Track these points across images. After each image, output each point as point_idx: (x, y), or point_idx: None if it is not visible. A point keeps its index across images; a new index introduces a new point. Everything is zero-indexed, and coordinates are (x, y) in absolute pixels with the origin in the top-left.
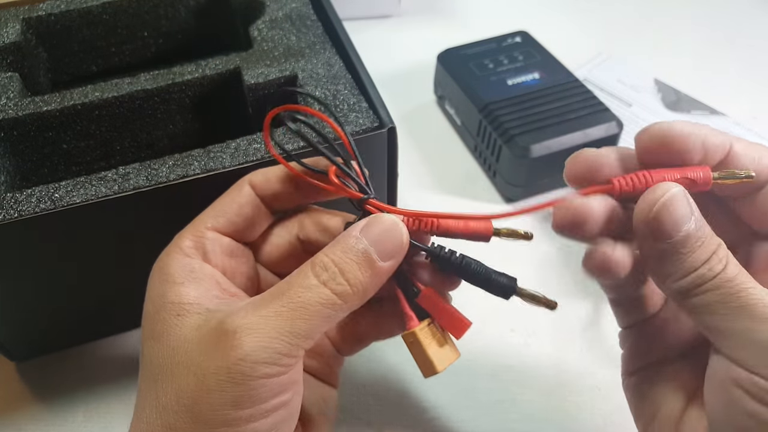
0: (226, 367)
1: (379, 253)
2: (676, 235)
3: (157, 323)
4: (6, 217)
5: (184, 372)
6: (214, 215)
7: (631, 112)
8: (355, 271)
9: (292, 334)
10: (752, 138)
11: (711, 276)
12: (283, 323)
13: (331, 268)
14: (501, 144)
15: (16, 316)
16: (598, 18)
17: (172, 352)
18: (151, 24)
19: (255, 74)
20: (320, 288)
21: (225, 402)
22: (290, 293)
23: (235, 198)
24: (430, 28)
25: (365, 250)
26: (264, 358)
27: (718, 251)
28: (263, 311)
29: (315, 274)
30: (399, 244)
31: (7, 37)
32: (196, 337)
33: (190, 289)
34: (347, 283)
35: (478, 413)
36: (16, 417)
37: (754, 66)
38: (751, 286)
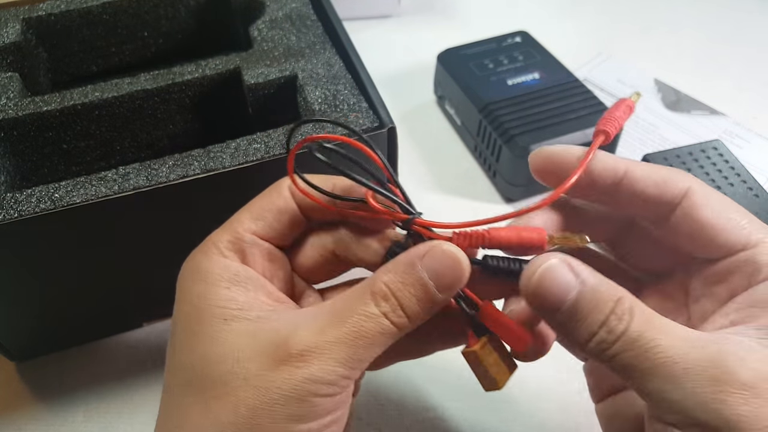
0: (292, 386)
1: (438, 286)
2: (562, 306)
3: (200, 326)
4: (6, 217)
5: (241, 383)
6: (253, 218)
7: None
8: (414, 305)
9: (353, 360)
10: (752, 138)
11: (614, 339)
12: (346, 350)
13: (391, 301)
14: (501, 144)
15: (16, 316)
16: (598, 18)
17: (221, 359)
18: (151, 24)
19: (255, 74)
20: (381, 319)
21: (287, 416)
22: (352, 320)
23: (275, 202)
24: (430, 28)
25: (425, 284)
26: (328, 380)
27: (616, 309)
28: (327, 336)
29: (375, 303)
30: (460, 278)
31: (7, 37)
32: (252, 346)
33: (236, 293)
34: (405, 315)
35: (478, 413)
36: (16, 417)
37: (754, 66)
38: (657, 343)
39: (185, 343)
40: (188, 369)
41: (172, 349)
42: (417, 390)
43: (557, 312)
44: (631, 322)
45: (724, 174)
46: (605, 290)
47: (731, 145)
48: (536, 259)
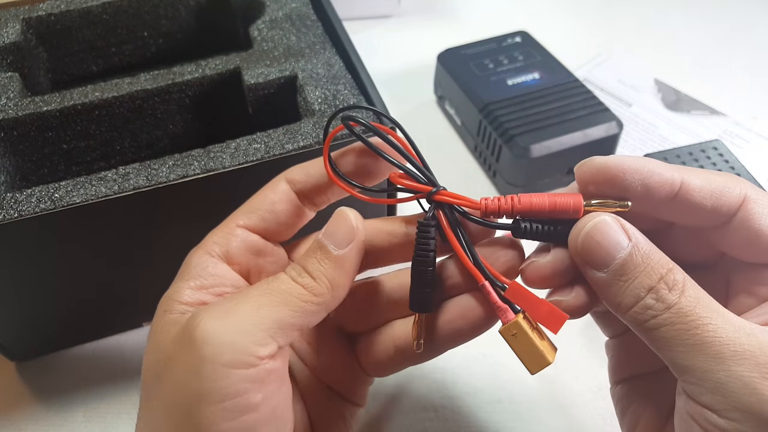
0: (191, 355)
1: (333, 243)
2: (611, 264)
3: (153, 321)
4: (6, 217)
5: (163, 369)
6: (245, 212)
7: (631, 112)
8: (314, 264)
9: (258, 318)
10: (752, 138)
11: (662, 308)
12: (249, 311)
13: (296, 266)
14: (501, 144)
15: (16, 315)
16: (598, 18)
17: (155, 349)
18: (151, 24)
19: (255, 74)
20: (287, 280)
21: (192, 395)
22: (259, 284)
23: (269, 195)
24: (430, 28)
25: (319, 241)
26: (228, 341)
27: (666, 277)
28: (231, 301)
29: (286, 272)
30: (349, 229)
31: (7, 37)
32: (173, 333)
33: (186, 286)
34: (310, 275)
35: (478, 413)
36: (16, 417)
37: (754, 66)
38: (709, 321)
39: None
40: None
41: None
42: (417, 389)
43: (604, 269)
44: (682, 294)
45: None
46: (658, 257)
47: (731, 145)
48: (588, 215)
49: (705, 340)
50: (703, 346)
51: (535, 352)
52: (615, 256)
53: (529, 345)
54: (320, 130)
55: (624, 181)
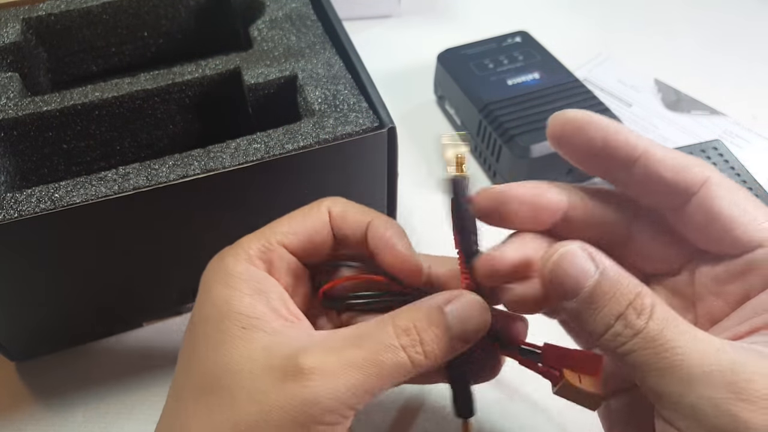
0: (293, 407)
1: (459, 333)
2: (580, 293)
3: (218, 332)
4: (6, 217)
5: (246, 397)
6: (287, 232)
7: (631, 112)
8: (433, 344)
9: (362, 389)
10: (752, 138)
11: (631, 334)
12: (357, 377)
13: (412, 335)
14: (501, 144)
15: (16, 316)
16: (598, 18)
17: (235, 368)
18: (151, 24)
19: (255, 74)
20: (399, 351)
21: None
22: (369, 347)
23: (314, 221)
24: (430, 28)
25: (449, 326)
26: (332, 407)
27: (635, 302)
28: (341, 359)
29: (396, 335)
30: (482, 331)
31: (7, 37)
32: (263, 360)
33: (258, 302)
34: (423, 354)
35: (478, 413)
36: (16, 417)
37: (754, 66)
38: (677, 344)
39: (201, 347)
40: (199, 374)
41: (188, 349)
42: (416, 390)
43: (573, 299)
44: (650, 319)
45: (724, 174)
46: (625, 282)
47: (731, 145)
48: (556, 244)
49: (674, 364)
50: (673, 370)
51: (589, 397)
52: (583, 285)
53: (581, 394)
54: (320, 129)
55: (587, 133)
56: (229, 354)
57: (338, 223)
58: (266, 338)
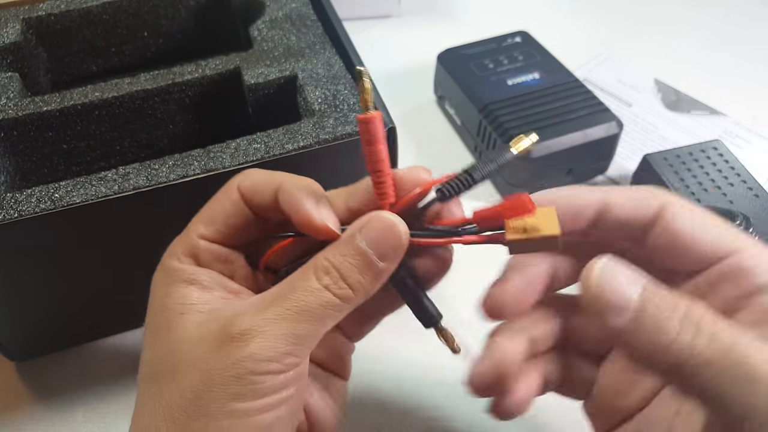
0: (231, 364)
1: (378, 254)
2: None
3: (160, 322)
4: (6, 217)
5: (189, 368)
6: (203, 223)
7: (631, 112)
8: (355, 274)
9: (295, 336)
10: (752, 138)
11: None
12: (286, 326)
13: (332, 272)
14: (501, 144)
15: (16, 316)
16: (598, 18)
17: (175, 348)
18: (151, 24)
19: (255, 74)
20: (322, 292)
21: (228, 396)
22: (293, 296)
23: (225, 205)
24: (430, 28)
25: (364, 253)
26: (268, 356)
27: (689, 310)
28: (267, 314)
29: (317, 278)
30: (398, 245)
31: (7, 37)
32: (199, 334)
33: (192, 290)
34: (348, 287)
35: (479, 413)
36: (16, 417)
37: (754, 66)
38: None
39: (149, 340)
40: (150, 363)
41: (143, 345)
42: (416, 389)
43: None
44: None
45: (724, 174)
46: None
47: (731, 145)
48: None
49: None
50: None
51: (541, 241)
52: (631, 297)
53: (532, 241)
54: (320, 129)
55: None
56: (168, 338)
57: (250, 197)
58: (203, 317)
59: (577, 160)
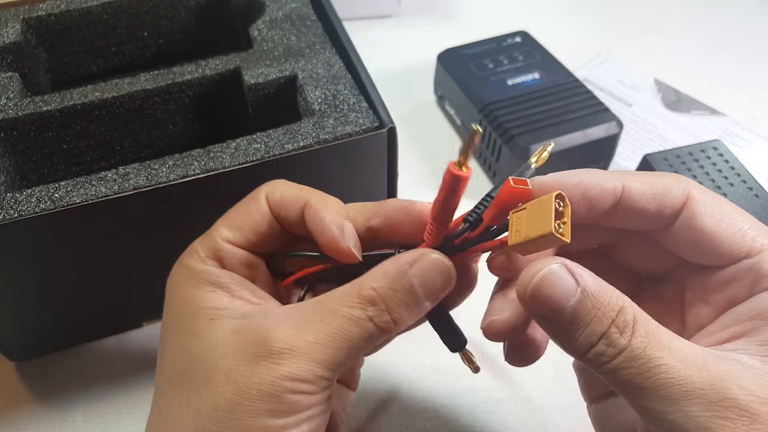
0: (269, 382)
1: (426, 293)
2: (561, 314)
3: (187, 325)
4: (6, 217)
5: (222, 378)
6: (230, 228)
7: (631, 112)
8: (401, 310)
9: (333, 362)
10: (752, 138)
11: (614, 353)
12: (327, 352)
13: (379, 304)
14: (501, 144)
15: (16, 316)
16: (598, 18)
17: (207, 355)
18: (151, 24)
19: (255, 74)
20: (366, 323)
21: (264, 411)
22: (335, 323)
23: (254, 214)
24: (430, 28)
25: (414, 290)
26: (306, 378)
27: (617, 320)
28: (308, 336)
29: (362, 307)
30: (447, 288)
31: (7, 37)
32: (234, 343)
33: (221, 295)
34: (392, 321)
35: (478, 413)
36: (16, 417)
37: (754, 66)
38: (660, 362)
39: (174, 342)
40: (175, 366)
41: (162, 348)
42: (416, 389)
43: (554, 320)
44: (633, 337)
45: (724, 174)
46: (607, 298)
47: (731, 145)
48: (535, 263)
49: (657, 383)
50: (656, 389)
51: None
52: (565, 306)
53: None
54: (320, 129)
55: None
56: (200, 344)
57: (278, 209)
58: (236, 323)
59: (577, 160)
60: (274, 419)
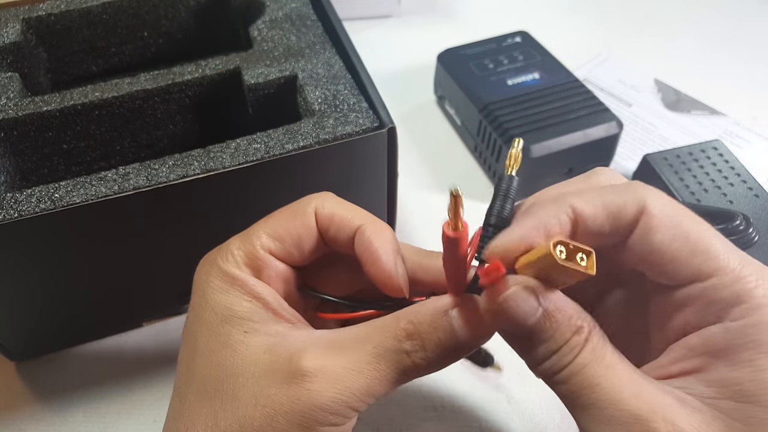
0: (299, 411)
1: (464, 338)
2: (522, 331)
3: (220, 335)
4: (6, 217)
5: (251, 400)
6: (272, 237)
7: (631, 112)
8: (437, 350)
9: (365, 392)
10: (752, 138)
11: (560, 367)
12: (361, 381)
13: (416, 340)
14: (501, 144)
15: (16, 316)
16: (598, 18)
17: (239, 371)
18: (151, 24)
19: (255, 74)
20: (402, 356)
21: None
22: (372, 350)
23: (298, 228)
24: (430, 28)
25: (454, 332)
26: (337, 410)
27: (571, 340)
28: (343, 361)
29: (400, 339)
30: (486, 338)
31: (7, 37)
32: (265, 362)
33: (258, 307)
34: (426, 360)
35: (478, 413)
36: (16, 417)
37: (754, 66)
38: (599, 382)
39: (206, 351)
40: (204, 378)
41: (190, 353)
42: (416, 389)
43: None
44: (579, 354)
45: (724, 174)
46: (567, 318)
47: (731, 145)
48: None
49: (589, 401)
50: (586, 407)
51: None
52: (525, 325)
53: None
54: (320, 129)
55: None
56: (232, 358)
57: (325, 225)
58: (269, 341)
59: (577, 160)
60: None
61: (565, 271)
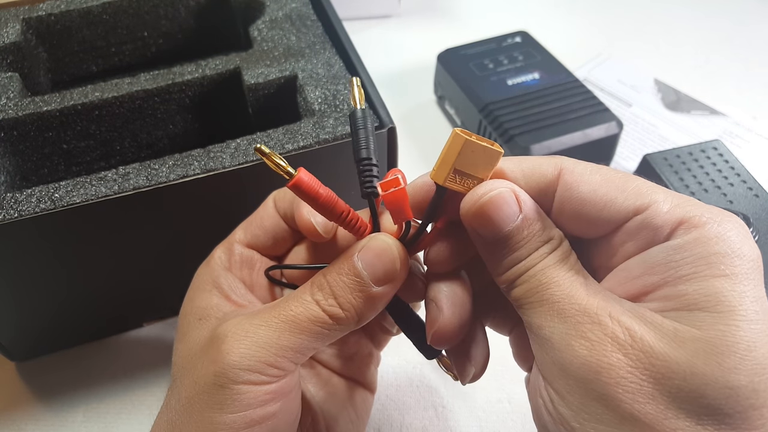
0: (213, 372)
1: (372, 277)
2: (499, 236)
3: (182, 326)
4: (6, 217)
5: (187, 374)
6: (243, 227)
7: (631, 112)
8: (347, 295)
9: (278, 346)
10: (752, 138)
11: (523, 271)
12: (270, 334)
13: (325, 289)
14: (501, 144)
15: (16, 316)
16: (598, 18)
17: (188, 353)
18: (151, 24)
19: (255, 74)
20: (312, 305)
21: (212, 404)
22: (283, 306)
23: (264, 220)
24: (430, 28)
25: (359, 273)
26: (248, 365)
27: (542, 248)
28: (254, 320)
29: (310, 292)
30: (392, 266)
31: (7, 37)
32: (204, 341)
33: (214, 295)
34: (338, 306)
35: (478, 413)
36: (16, 417)
37: (754, 66)
38: (555, 281)
39: (176, 342)
40: (174, 364)
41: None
42: (416, 389)
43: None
44: (543, 260)
45: (724, 174)
46: (541, 228)
47: (731, 145)
48: (486, 183)
49: (546, 298)
50: (544, 304)
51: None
52: (504, 230)
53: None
54: (320, 129)
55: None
56: (187, 343)
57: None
58: (214, 322)
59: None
60: (221, 414)
61: (483, 150)
